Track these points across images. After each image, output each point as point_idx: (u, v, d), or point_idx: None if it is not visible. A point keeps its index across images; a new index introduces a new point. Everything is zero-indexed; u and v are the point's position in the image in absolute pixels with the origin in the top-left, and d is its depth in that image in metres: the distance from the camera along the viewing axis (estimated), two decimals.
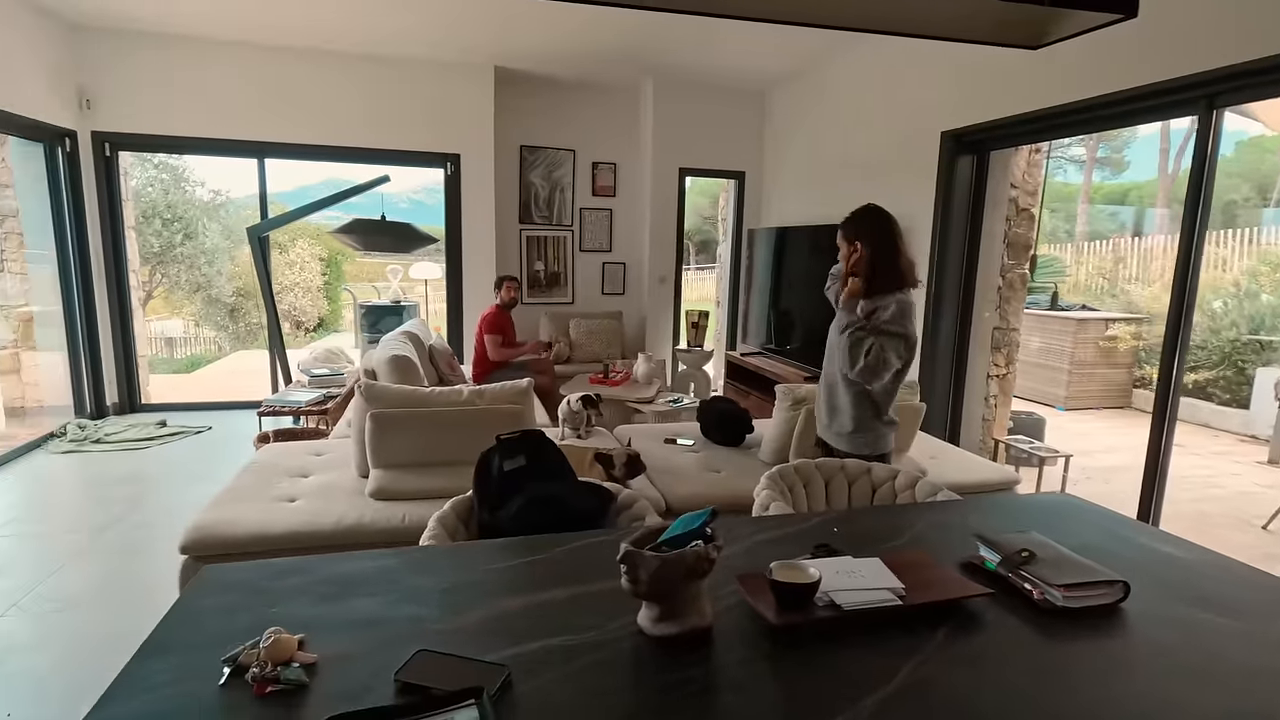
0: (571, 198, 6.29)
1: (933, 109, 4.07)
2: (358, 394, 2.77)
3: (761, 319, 6.04)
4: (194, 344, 10.49)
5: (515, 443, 1.89)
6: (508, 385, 2.94)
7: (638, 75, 5.81)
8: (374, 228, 4.44)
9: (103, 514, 3.44)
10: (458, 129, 5.52)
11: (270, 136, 5.17)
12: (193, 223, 8.43)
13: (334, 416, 4.11)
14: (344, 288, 10.74)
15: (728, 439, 3.50)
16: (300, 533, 2.40)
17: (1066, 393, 6.35)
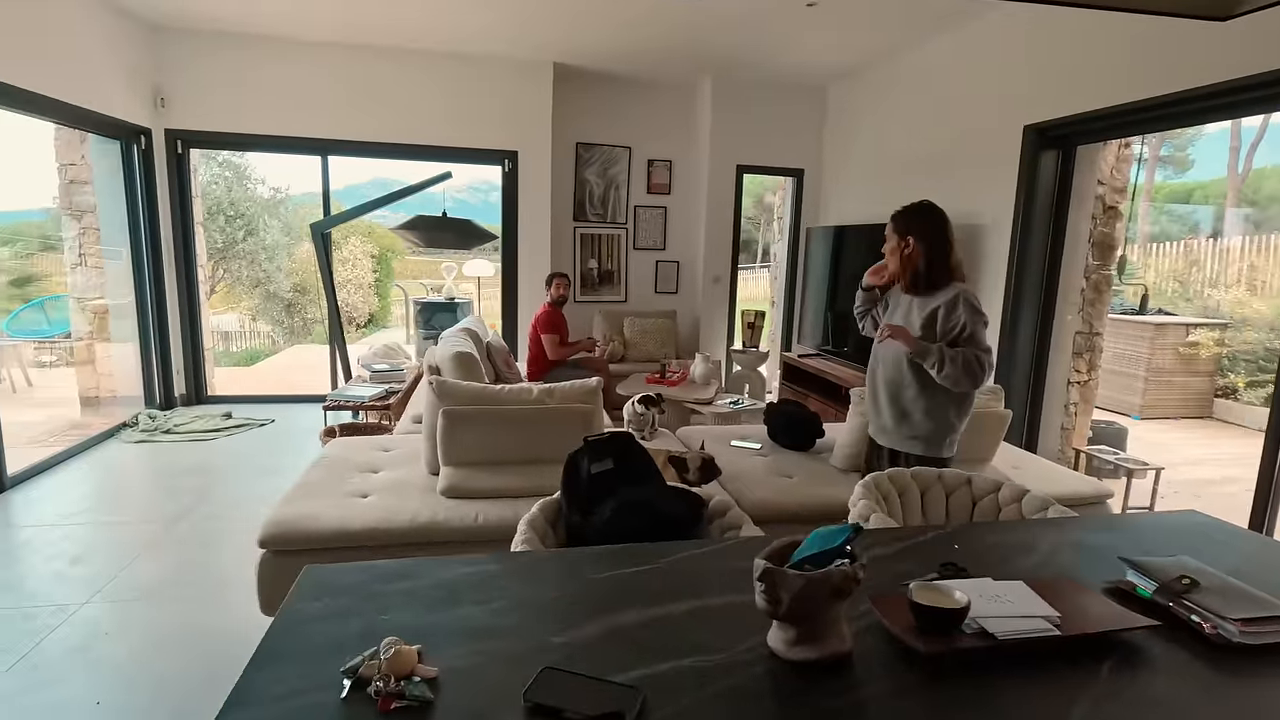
0: (626, 195, 6.23)
1: (1015, 102, 3.89)
2: (429, 391, 2.75)
3: (818, 319, 5.89)
4: (248, 338, 10.77)
5: (603, 444, 1.82)
6: (577, 384, 2.89)
7: (696, 73, 5.72)
8: (436, 224, 4.45)
9: (174, 504, 3.50)
10: (516, 126, 5.51)
11: (334, 134, 5.23)
12: (254, 219, 8.64)
13: (396, 412, 4.12)
14: (395, 284, 10.90)
15: (796, 443, 3.39)
16: (377, 529, 2.38)
17: (1142, 401, 6.04)
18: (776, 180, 6.89)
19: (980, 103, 4.17)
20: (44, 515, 3.32)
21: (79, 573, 2.76)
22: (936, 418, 2.34)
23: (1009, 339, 3.96)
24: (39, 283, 7.18)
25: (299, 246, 9.66)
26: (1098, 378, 4.15)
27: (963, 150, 4.35)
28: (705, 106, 5.90)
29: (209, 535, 3.18)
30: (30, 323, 6.32)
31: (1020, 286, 3.90)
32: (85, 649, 2.27)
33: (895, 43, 4.76)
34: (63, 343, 6.28)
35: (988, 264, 4.12)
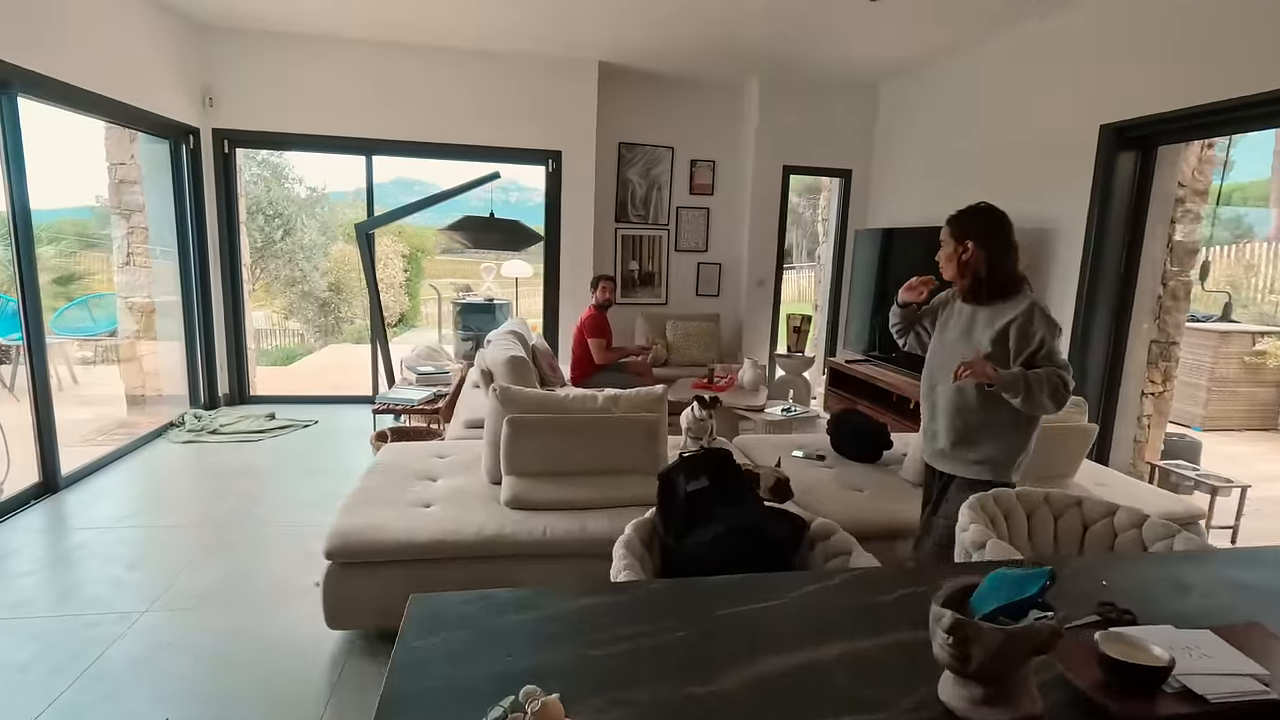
0: (669, 196, 6.13)
1: (1090, 100, 3.72)
2: (492, 398, 2.67)
3: (864, 324, 5.74)
4: (278, 336, 10.82)
5: (699, 461, 1.72)
6: (643, 392, 2.79)
7: (744, 72, 5.60)
8: (484, 225, 4.38)
9: (224, 507, 3.46)
10: (561, 126, 5.44)
11: (378, 133, 5.19)
12: (291, 219, 8.67)
13: (444, 416, 4.06)
14: (429, 284, 10.89)
15: (862, 454, 3.27)
16: (444, 541, 2.30)
17: (1205, 412, 5.81)
18: (807, 182, 6.75)
19: (1051, 101, 4.00)
20: (98, 517, 3.29)
21: (136, 579, 2.72)
22: (1007, 440, 2.10)
23: (1080, 349, 3.79)
24: (81, 281, 7.26)
25: (334, 246, 9.69)
26: (1173, 389, 3.96)
27: (1028, 151, 4.18)
28: (752, 105, 5.78)
29: (261, 540, 3.12)
30: (75, 321, 6.37)
31: (1094, 293, 3.73)
32: (149, 660, 2.21)
33: (959, 38, 4.59)
34: (106, 340, 6.32)
35: (1057, 270, 3.95)
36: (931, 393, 2.25)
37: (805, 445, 3.46)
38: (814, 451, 3.36)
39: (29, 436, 3.54)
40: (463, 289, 16.48)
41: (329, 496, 3.58)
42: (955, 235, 2.22)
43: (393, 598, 2.33)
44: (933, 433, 2.24)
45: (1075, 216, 3.80)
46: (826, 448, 3.42)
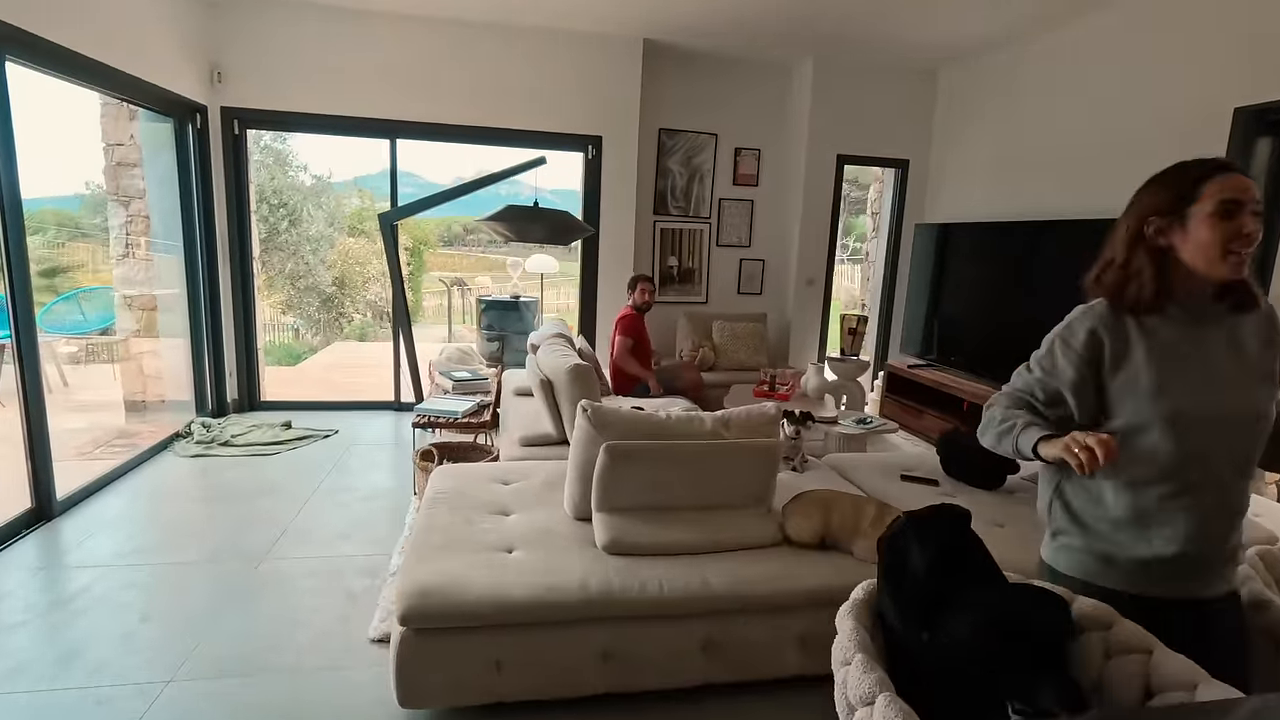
0: (711, 187, 5.70)
1: (1221, 80, 3.33)
2: (582, 419, 2.24)
3: (919, 325, 5.36)
4: (275, 332, 10.30)
5: (929, 524, 1.30)
6: (755, 411, 2.37)
7: (796, 52, 5.18)
8: (528, 215, 3.94)
9: (248, 537, 3.01)
10: (601, 109, 5.00)
11: (402, 115, 4.73)
12: (296, 208, 8.15)
13: (487, 427, 3.62)
14: (437, 278, 10.42)
15: (982, 479, 2.87)
16: (543, 602, 1.88)
17: None
18: (851, 172, 6.34)
19: (1168, 82, 3.60)
20: (101, 553, 2.83)
21: (152, 635, 2.28)
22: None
23: None
24: (69, 274, 6.74)
25: (342, 238, 9.18)
26: None
27: (1131, 140, 3.79)
28: (805, 89, 5.36)
29: (293, 580, 2.68)
30: (64, 316, 5.87)
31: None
32: None
33: (1047, 12, 4.19)
34: (98, 339, 5.82)
35: None
36: (1185, 470, 1.25)
37: (911, 467, 3.06)
38: (924, 474, 2.96)
39: (19, 451, 3.07)
40: (456, 281, 16.02)
41: (363, 524, 3.16)
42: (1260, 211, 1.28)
43: (477, 670, 1.93)
44: (1194, 548, 1.27)
45: None
46: (936, 469, 3.02)
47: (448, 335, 9.77)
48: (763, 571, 2.07)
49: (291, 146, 8.18)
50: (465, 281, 16.49)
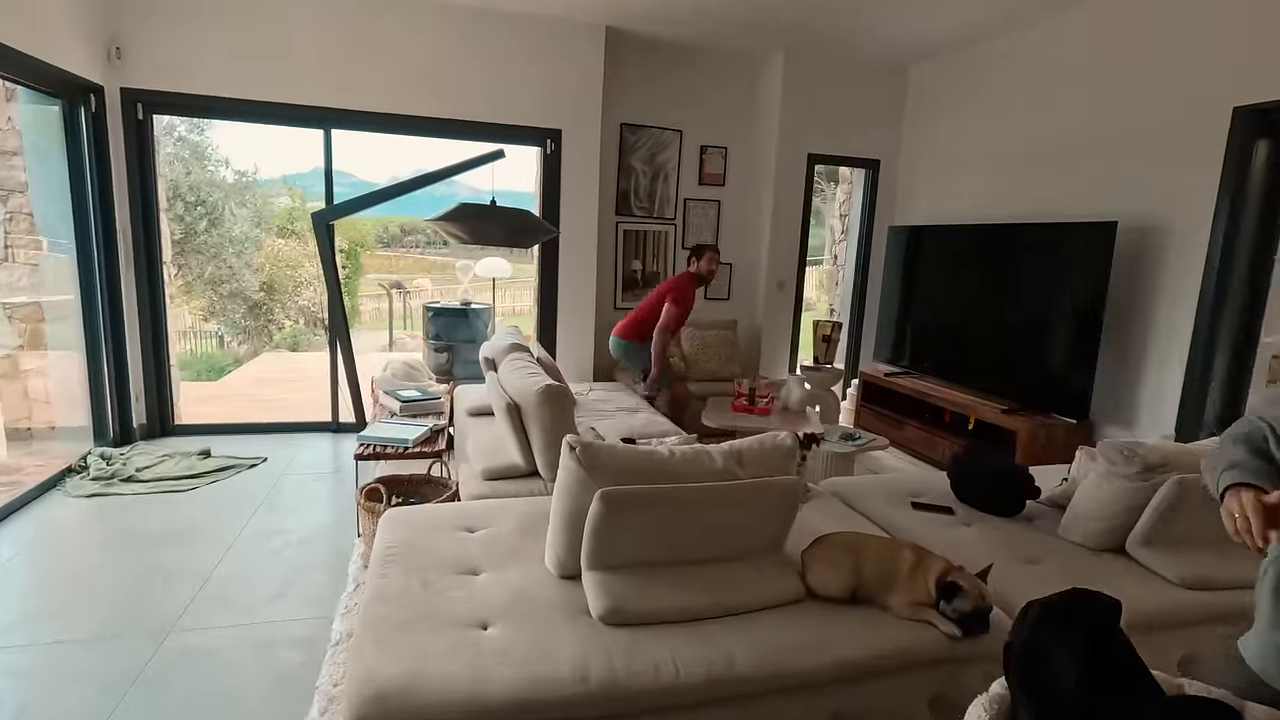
0: (675, 187, 5.39)
1: (1217, 79, 3.20)
2: (569, 459, 1.86)
3: (891, 331, 5.17)
4: (194, 340, 9.44)
5: (1073, 621, 0.99)
6: (768, 442, 2.04)
7: (766, 45, 4.92)
8: (484, 215, 3.52)
9: (153, 602, 2.51)
10: (561, 100, 4.61)
11: (339, 102, 4.22)
12: (217, 207, 7.40)
13: (444, 456, 3.18)
14: (377, 282, 9.77)
15: (999, 505, 2.62)
16: (532, 700, 1.49)
17: None
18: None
19: (1164, 80, 3.47)
20: None
21: None
22: None
23: (1200, 372, 3.29)
24: None
25: (270, 240, 8.44)
26: None
27: (1123, 139, 3.66)
28: (774, 84, 5.10)
29: (215, 657, 2.20)
30: None
31: (1219, 306, 3.23)
32: None
33: (1033, 5, 4.03)
34: None
35: (1165, 278, 3.44)
36: None
37: (918, 491, 2.80)
38: (936, 500, 2.70)
39: None
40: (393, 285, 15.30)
41: (298, 576, 2.69)
42: None
43: None
44: None
45: (1195, 214, 3.29)
46: (947, 494, 2.77)
47: (388, 343, 9.16)
48: (793, 639, 1.73)
49: (211, 139, 7.45)
50: (404, 284, 15.75)
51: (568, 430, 2.73)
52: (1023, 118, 4.27)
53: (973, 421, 4.31)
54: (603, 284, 5.19)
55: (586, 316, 4.92)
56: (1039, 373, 3.89)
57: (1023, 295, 4.03)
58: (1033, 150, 4.19)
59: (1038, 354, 3.91)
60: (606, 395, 4.35)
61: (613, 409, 4.02)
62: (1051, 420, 3.77)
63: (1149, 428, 3.52)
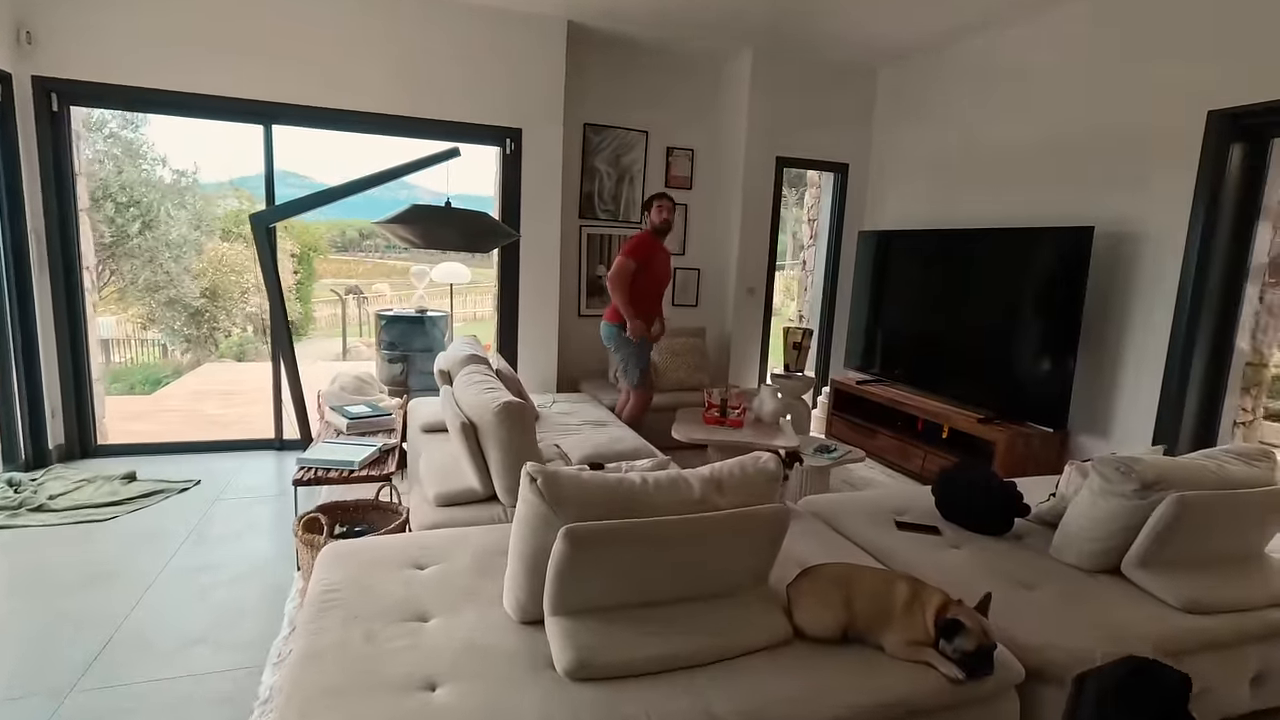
0: (641, 189, 5.20)
1: (1195, 83, 3.15)
2: (528, 489, 1.65)
3: (860, 338, 5.08)
4: (131, 349, 8.90)
5: (1142, 696, 0.83)
6: (750, 466, 1.86)
7: (733, 44, 4.78)
8: (438, 217, 3.28)
9: (58, 653, 2.20)
10: (522, 97, 4.39)
11: (281, 96, 3.93)
12: (152, 209, 6.94)
13: (392, 480, 2.93)
14: (329, 287, 9.37)
15: (986, 524, 2.49)
16: None
17: None
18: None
19: (1133, 84, 3.42)
20: None
21: None
22: None
23: (1178, 377, 3.23)
24: None
25: (210, 244, 7.98)
26: (1261, 417, 3.50)
27: (1090, 143, 3.61)
28: (742, 84, 4.97)
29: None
30: None
31: (1196, 311, 3.18)
32: None
33: (1006, 5, 3.97)
34: None
35: (1139, 283, 3.39)
36: None
37: (901, 509, 2.65)
38: (920, 519, 2.55)
39: None
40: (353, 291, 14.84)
41: (227, 618, 2.42)
42: None
43: None
44: None
45: (1170, 218, 3.24)
46: (931, 512, 2.63)
47: (342, 351, 8.77)
48: (782, 690, 1.55)
49: (146, 136, 6.99)
50: (362, 289, 15.24)
51: (529, 451, 2.51)
52: (994, 121, 4.21)
53: (946, 430, 4.22)
54: (566, 290, 4.98)
55: (549, 324, 4.70)
56: (1014, 381, 3.82)
57: (997, 302, 3.96)
58: (1004, 154, 4.13)
59: (1012, 362, 3.83)
60: (571, 407, 4.14)
61: (578, 422, 3.82)
62: (1028, 429, 3.69)
63: (1125, 436, 3.46)
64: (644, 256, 3.94)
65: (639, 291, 3.96)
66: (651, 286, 4.06)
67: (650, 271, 4.00)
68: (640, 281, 3.95)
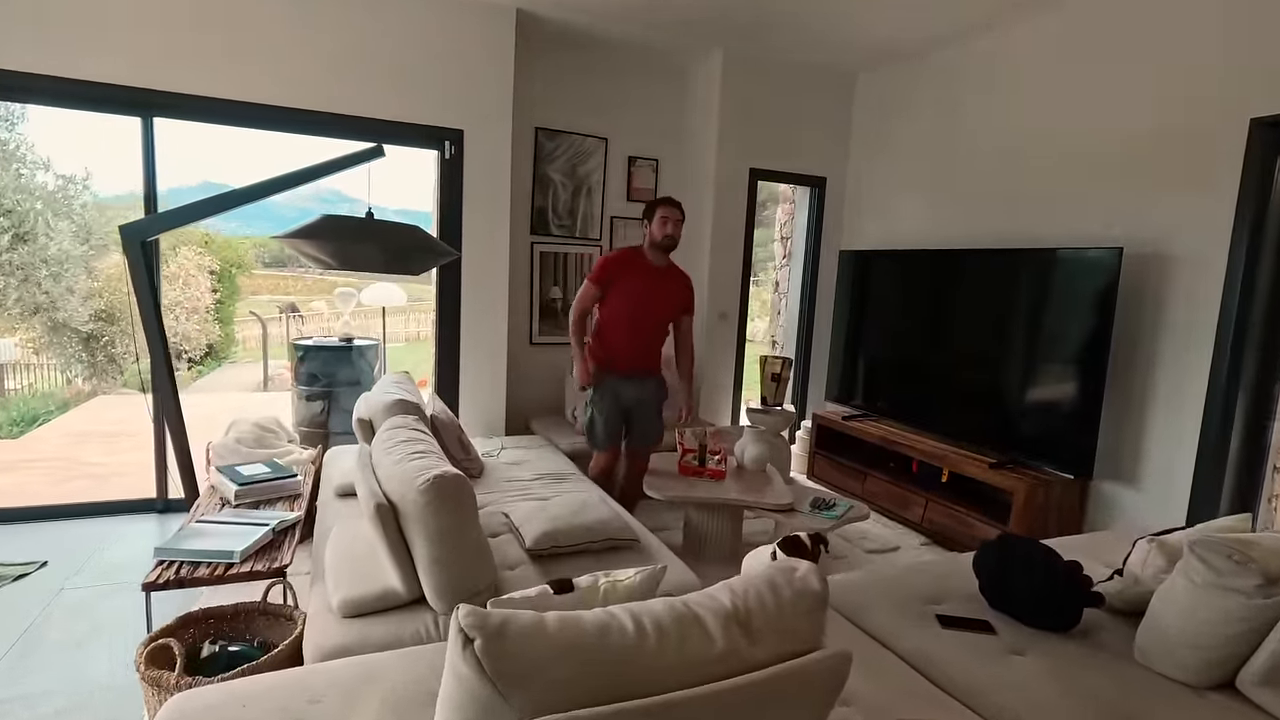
0: (600, 202, 4.66)
1: (1234, 87, 2.80)
2: (458, 658, 1.04)
3: (845, 368, 4.63)
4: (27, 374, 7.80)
5: None
6: (784, 587, 1.29)
7: (702, 43, 4.30)
8: (355, 231, 2.64)
9: None
10: (463, 94, 3.79)
11: (167, 84, 3.24)
12: (28, 219, 5.97)
13: (285, 574, 2.25)
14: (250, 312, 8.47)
15: (1046, 615, 1.99)
16: None
17: None
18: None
19: (1161, 89, 3.06)
20: None
21: None
22: None
23: (1219, 415, 2.84)
24: None
25: (103, 260, 7.01)
26: None
27: (1113, 154, 3.24)
28: (712, 88, 4.49)
29: None
30: None
31: (1241, 339, 2.80)
32: None
33: (987, 12, 3.60)
34: None
35: (1174, 312, 3.00)
36: None
37: (937, 594, 2.14)
38: (964, 610, 2.04)
39: None
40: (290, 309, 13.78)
41: None
42: None
43: None
44: None
45: (1206, 240, 2.87)
46: (974, 598, 2.12)
47: (263, 380, 7.87)
48: None
49: (25, 135, 6.05)
50: (298, 308, 14.17)
51: (468, 538, 1.90)
52: (999, 130, 3.82)
53: (946, 474, 3.77)
54: (516, 316, 4.38)
55: (496, 356, 4.08)
56: (1028, 420, 3.39)
57: (1008, 330, 3.54)
58: (1010, 167, 3.74)
59: (1028, 399, 3.41)
60: (523, 455, 3.52)
61: (530, 476, 3.20)
62: (1048, 476, 3.26)
63: (1157, 484, 3.06)
64: (607, 277, 3.13)
65: (605, 322, 3.21)
66: (621, 319, 3.16)
67: (623, 297, 3.14)
68: (610, 311, 3.18)
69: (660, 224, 3.15)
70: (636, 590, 1.41)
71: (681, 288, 3.30)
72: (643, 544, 2.41)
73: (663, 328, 3.31)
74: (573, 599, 1.34)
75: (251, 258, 13.31)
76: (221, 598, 2.13)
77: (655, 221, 3.16)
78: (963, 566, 2.35)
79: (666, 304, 3.26)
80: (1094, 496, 3.29)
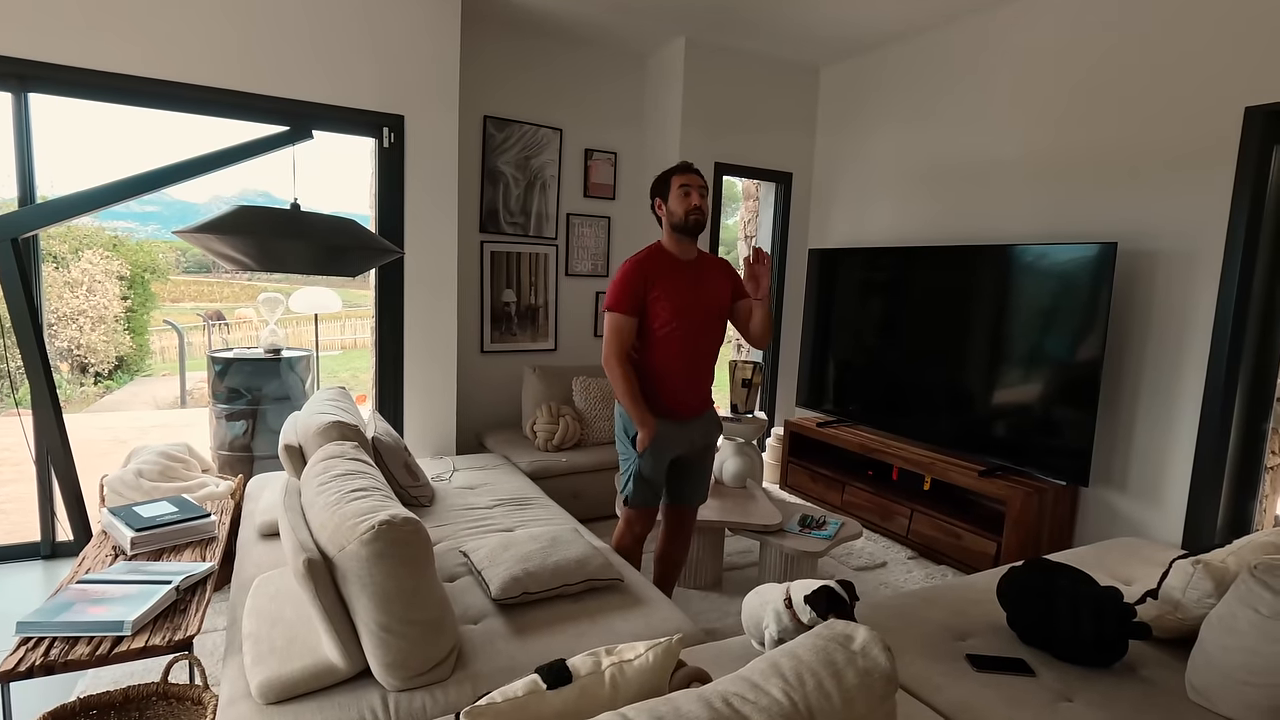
0: (556, 198, 4.32)
1: (1225, 75, 2.69)
2: None
3: (817, 372, 4.43)
4: None
5: None
6: (844, 669, 1.01)
7: (664, 27, 4.02)
8: (278, 225, 2.23)
9: None
10: (404, 76, 3.40)
11: (40, 53, 2.73)
12: None
13: (190, 649, 1.84)
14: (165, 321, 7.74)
15: (1084, 649, 1.78)
16: None
17: None
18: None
19: (1153, 76, 2.94)
20: None
21: None
22: None
23: (1216, 417, 2.73)
24: None
25: None
26: None
27: (1098, 145, 3.12)
28: (674, 78, 4.22)
29: None
30: None
31: (1238, 341, 2.69)
32: None
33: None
34: None
35: (1165, 309, 2.88)
36: None
37: (962, 626, 1.91)
38: (995, 649, 1.81)
39: None
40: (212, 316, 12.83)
41: None
42: None
43: None
44: None
45: (1199, 234, 2.75)
46: (999, 629, 1.90)
47: (180, 396, 7.18)
48: None
49: None
50: (224, 315, 13.22)
51: (426, 597, 1.55)
52: (975, 121, 3.67)
53: (928, 482, 3.60)
54: (466, 322, 4.00)
55: (445, 366, 3.69)
56: (1018, 424, 3.23)
57: (992, 330, 3.38)
58: (987, 160, 3.60)
59: (1016, 402, 3.25)
60: (478, 477, 3.16)
61: (488, 502, 2.85)
62: (1041, 484, 3.11)
63: (1148, 489, 2.93)
64: (636, 295, 2.23)
65: (657, 359, 2.29)
66: (671, 344, 2.26)
67: (664, 315, 2.24)
68: (652, 338, 2.28)
69: (680, 197, 2.26)
70: (650, 673, 1.10)
71: (722, 275, 2.41)
72: (626, 583, 2.10)
73: (719, 341, 2.40)
74: (572, 695, 1.02)
75: (170, 262, 12.36)
76: (108, 680, 1.71)
77: (673, 196, 2.28)
78: (978, 592, 2.15)
79: (717, 305, 2.35)
80: (1085, 503, 3.15)
